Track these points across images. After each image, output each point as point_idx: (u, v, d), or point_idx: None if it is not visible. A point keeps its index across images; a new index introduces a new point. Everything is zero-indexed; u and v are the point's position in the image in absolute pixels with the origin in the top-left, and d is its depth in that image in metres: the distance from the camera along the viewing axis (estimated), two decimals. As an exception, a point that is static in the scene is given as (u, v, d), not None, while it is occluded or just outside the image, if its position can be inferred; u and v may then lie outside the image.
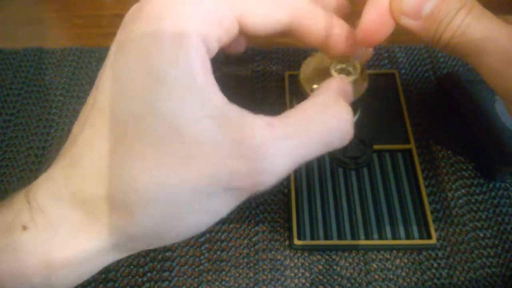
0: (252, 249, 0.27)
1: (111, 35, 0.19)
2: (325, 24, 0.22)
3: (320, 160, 0.30)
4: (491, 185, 0.29)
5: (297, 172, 0.29)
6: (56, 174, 0.18)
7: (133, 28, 0.18)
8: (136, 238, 0.18)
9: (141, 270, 0.27)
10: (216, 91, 0.18)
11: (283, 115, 0.20)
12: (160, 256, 0.27)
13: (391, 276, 0.26)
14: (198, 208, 0.17)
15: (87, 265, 0.18)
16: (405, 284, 0.26)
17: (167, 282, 0.26)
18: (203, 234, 0.28)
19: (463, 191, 0.29)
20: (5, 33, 0.38)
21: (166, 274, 0.27)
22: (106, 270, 0.27)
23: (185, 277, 0.26)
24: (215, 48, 0.20)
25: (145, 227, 0.17)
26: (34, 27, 0.39)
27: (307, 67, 0.28)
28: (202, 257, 0.27)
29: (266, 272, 0.26)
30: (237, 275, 0.26)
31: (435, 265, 0.27)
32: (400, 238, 0.27)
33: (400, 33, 0.22)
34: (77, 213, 0.17)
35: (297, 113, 0.20)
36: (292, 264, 0.27)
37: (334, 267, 0.27)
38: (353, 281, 0.26)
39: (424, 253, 0.27)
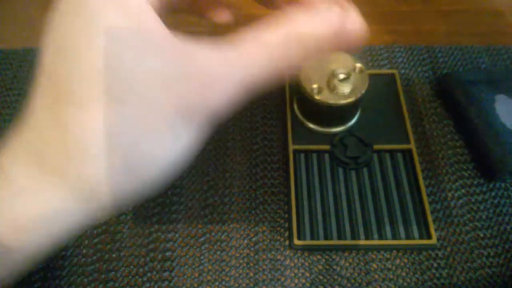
0: (252, 249, 0.27)
1: (111, 35, 0.19)
2: None
3: (320, 160, 0.30)
4: (491, 185, 0.29)
5: (297, 172, 0.29)
6: (15, 139, 0.19)
7: None
8: (97, 190, 0.18)
9: (141, 270, 0.27)
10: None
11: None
12: (160, 256, 0.27)
13: (391, 276, 0.26)
14: (156, 146, 0.18)
15: (55, 223, 0.18)
16: (405, 284, 0.26)
17: (167, 282, 0.26)
18: (203, 234, 0.28)
19: (463, 191, 0.29)
20: (5, 33, 0.38)
21: (166, 274, 0.27)
22: (106, 270, 0.27)
23: (185, 277, 0.26)
24: None
25: (100, 175, 0.17)
26: (34, 27, 0.39)
27: (307, 67, 0.28)
28: (202, 257, 0.27)
29: (266, 272, 0.26)
30: (237, 275, 0.26)
31: (435, 265, 0.27)
32: (400, 238, 0.27)
33: (400, 33, 0.22)
34: (37, 171, 0.18)
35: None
36: (292, 264, 0.27)
37: (334, 267, 0.27)
38: (353, 281, 0.26)
39: (424, 253, 0.27)
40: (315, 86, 0.28)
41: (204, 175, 0.30)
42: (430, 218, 0.27)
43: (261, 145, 0.31)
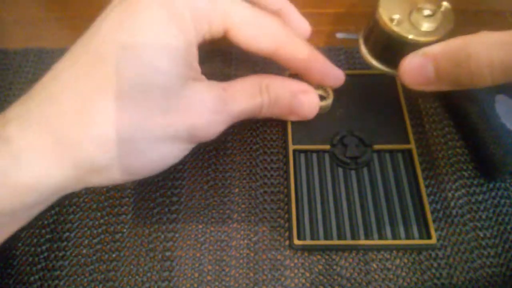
0: (252, 249, 0.27)
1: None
2: (307, 54, 0.26)
3: (320, 160, 0.30)
4: (491, 185, 0.29)
5: (297, 172, 0.29)
6: (31, 108, 0.20)
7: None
8: (95, 171, 0.21)
9: (141, 270, 0.27)
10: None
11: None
12: (160, 256, 0.27)
13: (391, 276, 0.26)
14: (150, 150, 0.22)
15: (49, 189, 0.20)
16: (405, 284, 0.26)
17: (167, 282, 0.26)
18: (203, 234, 0.28)
19: (463, 191, 0.29)
20: (5, 33, 0.38)
21: (166, 274, 0.27)
22: (106, 270, 0.27)
23: (185, 277, 0.26)
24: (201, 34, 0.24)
25: (101, 162, 0.20)
26: (34, 27, 0.39)
27: None
28: (202, 257, 0.27)
29: (266, 272, 0.26)
30: (237, 275, 0.26)
31: (435, 265, 0.27)
32: (400, 238, 0.27)
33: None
34: (44, 143, 0.19)
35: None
36: (292, 264, 0.27)
37: (334, 267, 0.27)
38: (353, 281, 0.26)
39: (424, 253, 0.27)
40: (395, 16, 0.25)
41: (204, 175, 0.30)
42: (430, 218, 0.27)
43: (261, 145, 0.31)
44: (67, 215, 0.29)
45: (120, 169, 0.21)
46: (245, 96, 0.25)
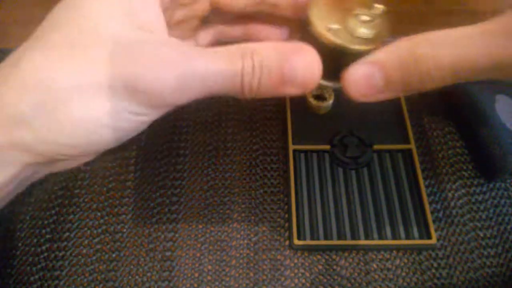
0: (252, 249, 0.27)
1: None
2: None
3: (320, 160, 0.30)
4: (491, 185, 0.29)
5: (297, 172, 0.29)
6: None
7: None
8: (20, 122, 0.19)
9: (141, 270, 0.27)
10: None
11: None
12: (160, 256, 0.27)
13: (391, 276, 0.26)
14: (78, 102, 0.20)
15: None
16: (405, 284, 0.26)
17: (167, 282, 0.26)
18: (203, 234, 0.28)
19: (463, 191, 0.29)
20: (5, 33, 0.38)
21: (166, 274, 0.27)
22: (106, 270, 0.27)
23: (185, 277, 0.26)
24: None
25: (23, 110, 0.19)
26: (34, 27, 0.38)
27: (319, 3, 0.23)
28: (202, 257, 0.27)
29: (266, 272, 0.27)
30: (237, 275, 0.26)
31: (435, 265, 0.27)
32: (400, 238, 0.27)
33: (400, 33, 0.22)
34: None
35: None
36: (292, 264, 0.27)
37: (334, 267, 0.27)
38: (353, 281, 0.26)
39: (424, 253, 0.27)
40: (333, 26, 0.22)
41: (204, 175, 0.30)
42: (430, 218, 0.27)
43: (261, 145, 0.31)
44: (67, 215, 0.29)
45: (47, 125, 0.20)
46: (221, 57, 0.20)
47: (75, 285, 0.26)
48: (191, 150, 0.31)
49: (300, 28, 0.25)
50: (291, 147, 0.30)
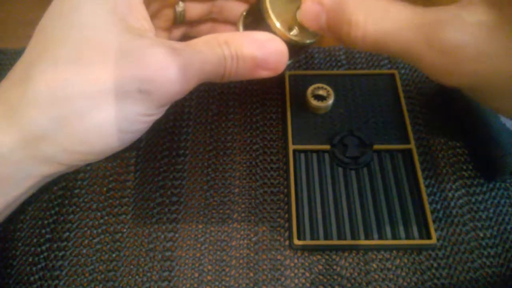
0: (252, 249, 0.27)
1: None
2: None
3: (320, 160, 0.30)
4: (491, 185, 0.29)
5: (297, 172, 0.29)
6: None
7: None
8: (41, 137, 0.20)
9: (141, 270, 0.27)
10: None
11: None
12: (160, 256, 0.27)
13: (391, 276, 0.26)
14: (94, 110, 0.20)
15: (4, 164, 0.20)
16: (405, 284, 0.26)
17: (167, 282, 0.26)
18: (203, 234, 0.28)
19: (463, 191, 0.29)
20: (5, 33, 0.38)
21: (166, 274, 0.27)
22: (106, 270, 0.27)
23: (185, 277, 0.26)
24: None
25: (43, 125, 0.20)
26: (34, 27, 0.39)
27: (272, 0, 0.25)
28: (202, 257, 0.27)
29: (266, 272, 0.26)
30: (237, 275, 0.26)
31: (435, 265, 0.27)
32: (400, 238, 0.27)
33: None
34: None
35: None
36: (292, 264, 0.27)
37: (334, 267, 0.27)
38: (353, 281, 0.26)
39: (424, 253, 0.27)
40: (293, 27, 0.24)
41: (204, 175, 0.30)
42: (430, 218, 0.27)
43: (261, 145, 0.31)
44: (67, 215, 0.29)
45: (66, 136, 0.20)
46: (204, 45, 0.22)
47: (75, 285, 0.26)
48: (191, 150, 0.31)
49: (251, 14, 0.27)
50: (291, 147, 0.30)
